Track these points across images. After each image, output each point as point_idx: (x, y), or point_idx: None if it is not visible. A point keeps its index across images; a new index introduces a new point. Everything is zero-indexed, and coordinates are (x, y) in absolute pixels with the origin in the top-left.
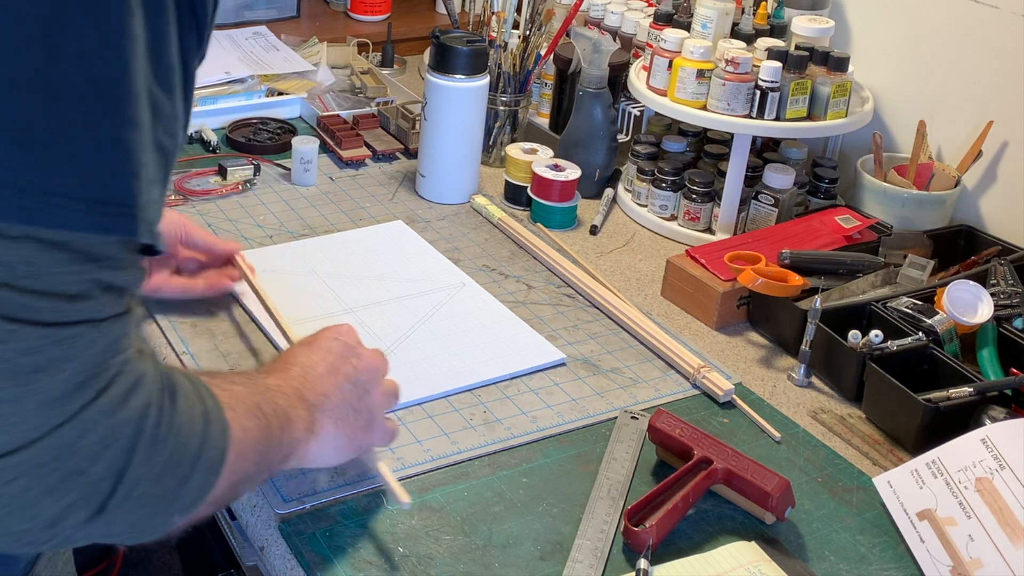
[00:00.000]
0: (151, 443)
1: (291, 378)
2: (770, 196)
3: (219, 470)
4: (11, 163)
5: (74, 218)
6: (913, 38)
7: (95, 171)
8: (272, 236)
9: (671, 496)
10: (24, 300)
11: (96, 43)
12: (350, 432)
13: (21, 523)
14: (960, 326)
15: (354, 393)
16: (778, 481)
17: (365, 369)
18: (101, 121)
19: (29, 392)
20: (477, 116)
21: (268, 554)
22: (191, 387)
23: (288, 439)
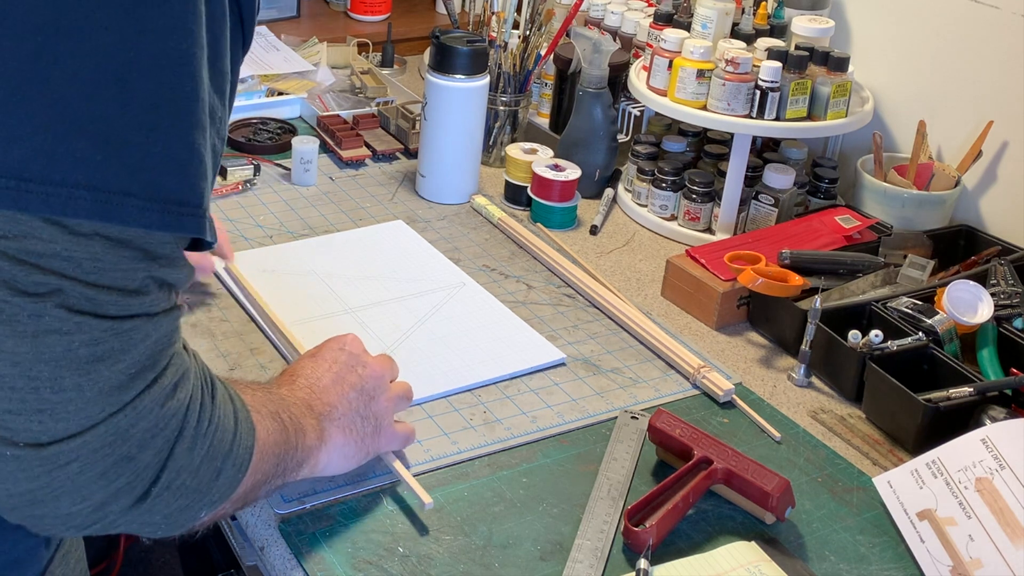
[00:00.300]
0: (194, 435)
1: (298, 389)
2: (770, 196)
3: (246, 467)
4: (91, 163)
5: (149, 218)
6: (913, 38)
7: (168, 173)
8: (272, 236)
9: (671, 496)
10: (90, 294)
11: (171, 51)
12: (358, 439)
13: (71, 505)
14: (960, 326)
15: (360, 401)
16: (778, 481)
17: (370, 377)
18: (175, 126)
19: (89, 381)
20: (477, 116)
21: (268, 554)
22: (223, 387)
23: (302, 447)
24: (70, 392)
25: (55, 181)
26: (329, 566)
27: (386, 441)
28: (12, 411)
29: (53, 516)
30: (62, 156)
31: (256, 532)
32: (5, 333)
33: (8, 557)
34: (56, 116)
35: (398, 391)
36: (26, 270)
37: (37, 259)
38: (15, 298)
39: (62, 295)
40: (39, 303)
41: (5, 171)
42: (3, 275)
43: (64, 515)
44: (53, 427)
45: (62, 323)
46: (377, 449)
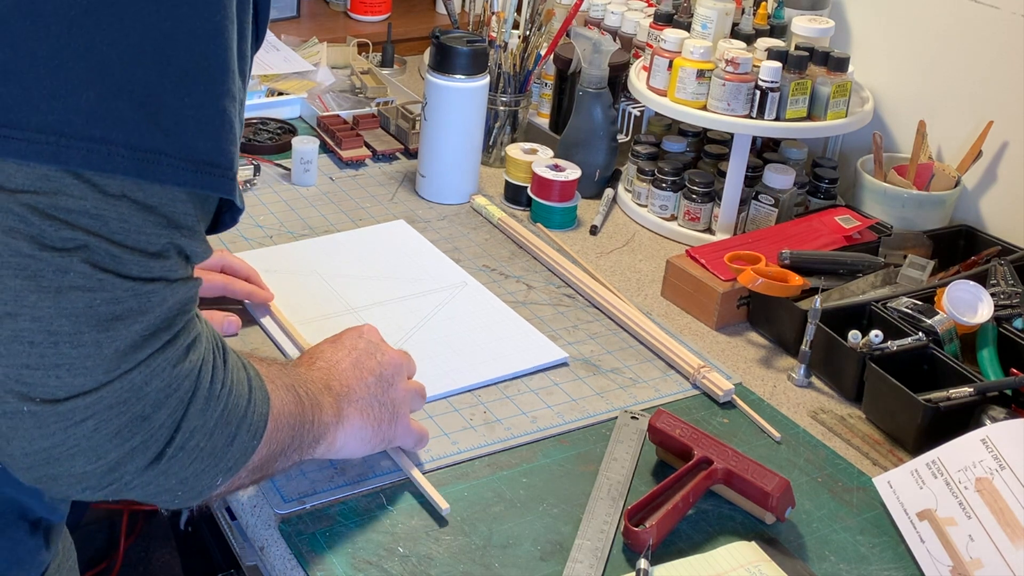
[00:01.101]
0: (207, 397)
1: (316, 370)
2: (770, 196)
3: (260, 434)
4: (130, 124)
5: (184, 176)
6: (913, 38)
7: (202, 135)
8: (272, 236)
9: (671, 496)
10: (115, 252)
11: (206, 22)
12: (375, 424)
13: (86, 464)
14: (960, 326)
15: (378, 387)
16: (778, 481)
17: (389, 364)
18: (208, 91)
19: (107, 339)
20: (477, 116)
21: (268, 554)
22: (235, 355)
23: (319, 422)
24: (89, 348)
25: (96, 138)
26: (329, 566)
27: (402, 432)
28: (30, 366)
29: (68, 475)
30: (103, 115)
31: (256, 532)
32: (28, 288)
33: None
34: (98, 77)
35: (415, 386)
36: (55, 225)
37: (66, 215)
38: (42, 252)
39: (88, 251)
40: (65, 258)
41: (45, 127)
42: (31, 229)
43: (79, 474)
44: (71, 382)
45: (86, 279)
46: (393, 438)
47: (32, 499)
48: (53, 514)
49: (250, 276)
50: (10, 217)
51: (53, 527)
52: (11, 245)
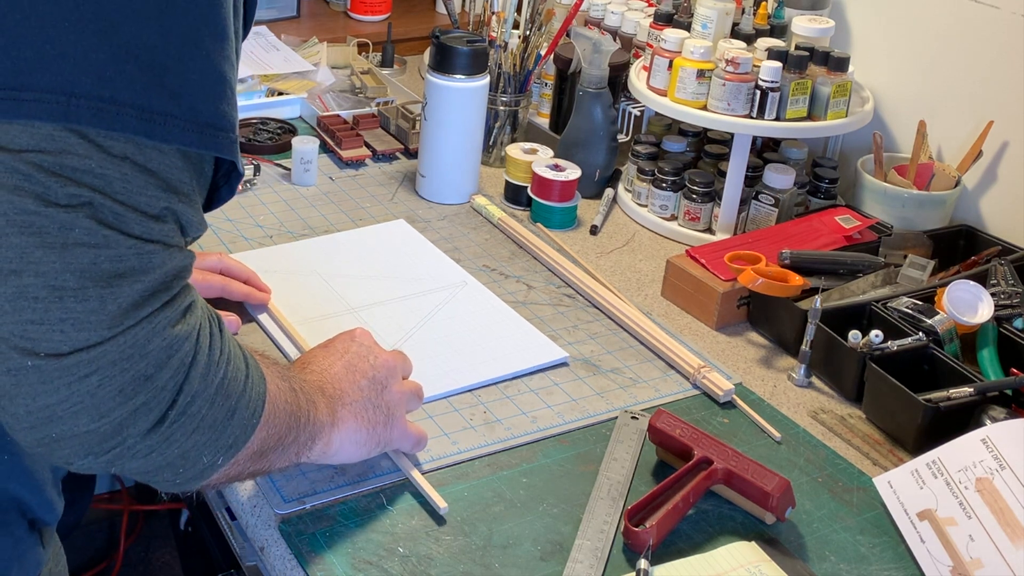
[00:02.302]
0: (207, 363)
1: (310, 373)
2: (770, 196)
3: (259, 413)
4: (138, 85)
5: (189, 137)
6: (913, 38)
7: (205, 97)
8: (272, 236)
9: (671, 496)
10: (119, 210)
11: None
12: (370, 427)
13: (89, 423)
14: (960, 326)
15: (372, 390)
16: (778, 481)
17: (382, 367)
18: (209, 57)
19: (110, 295)
20: (477, 116)
21: (268, 554)
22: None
23: (315, 420)
24: (93, 302)
25: (105, 98)
26: (329, 566)
27: (398, 435)
28: (35, 321)
29: (71, 435)
30: (112, 76)
31: (256, 532)
32: (33, 244)
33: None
34: (107, 39)
35: (410, 387)
36: (60, 182)
37: (71, 173)
38: (47, 208)
39: (92, 208)
40: (70, 214)
41: (55, 87)
42: (36, 187)
43: (82, 434)
44: (75, 336)
45: (91, 236)
46: (389, 441)
47: (32, 497)
48: (49, 514)
49: (250, 279)
50: (15, 176)
51: (46, 529)
52: (16, 203)
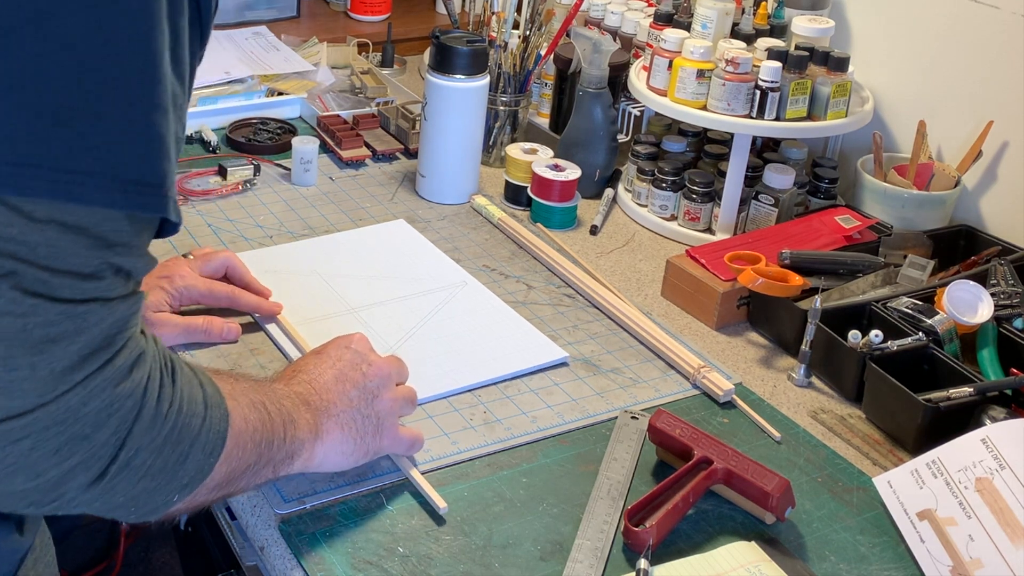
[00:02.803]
0: (153, 415)
1: (296, 384)
2: (770, 196)
3: (217, 453)
4: (49, 143)
5: (110, 197)
6: (913, 38)
7: (129, 153)
8: (272, 236)
9: (671, 496)
10: (44, 277)
11: (133, 34)
12: (356, 437)
13: (25, 482)
14: (960, 326)
15: (361, 399)
16: (778, 481)
17: (374, 375)
18: (135, 105)
19: (42, 361)
20: (477, 116)
21: (268, 554)
22: (191, 372)
23: (291, 438)
24: (23, 371)
25: (20, 162)
26: (329, 566)
27: (389, 442)
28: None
29: (9, 493)
30: (25, 138)
31: (256, 532)
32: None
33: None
34: (19, 99)
35: (403, 394)
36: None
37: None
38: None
39: (16, 277)
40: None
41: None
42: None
43: (20, 491)
44: (6, 404)
45: (16, 305)
46: (379, 449)
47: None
48: None
49: (250, 283)
50: None
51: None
52: None
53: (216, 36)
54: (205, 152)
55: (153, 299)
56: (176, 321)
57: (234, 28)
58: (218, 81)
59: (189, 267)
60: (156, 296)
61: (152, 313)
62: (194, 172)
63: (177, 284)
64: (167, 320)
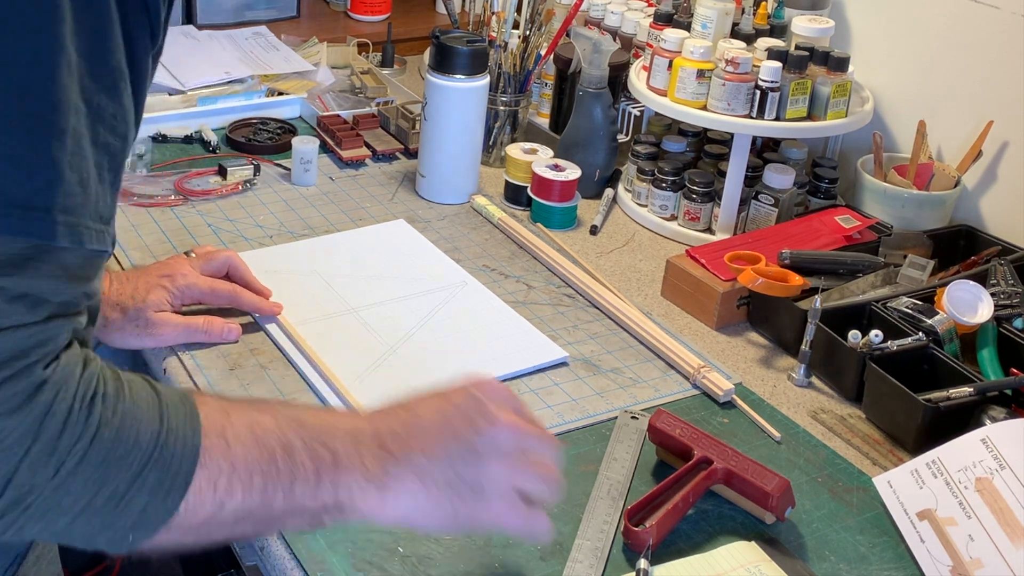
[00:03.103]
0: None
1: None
2: (770, 196)
3: (177, 493)
4: None
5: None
6: (913, 38)
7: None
8: (272, 236)
9: (671, 496)
10: None
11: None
12: (444, 499)
13: None
14: (960, 326)
15: (462, 457)
16: (778, 481)
17: (490, 437)
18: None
19: None
20: (477, 116)
21: (268, 554)
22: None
23: (331, 483)
24: None
25: None
26: (329, 566)
27: (494, 517)
28: None
29: None
30: None
31: None
32: None
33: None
34: None
35: (531, 469)
36: None
37: None
38: None
39: None
40: None
41: None
42: None
43: None
44: None
45: None
46: (475, 520)
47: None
48: None
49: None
50: None
51: None
52: None
53: (216, 36)
54: (205, 152)
55: (154, 298)
56: (176, 321)
57: (234, 28)
58: (218, 81)
59: (191, 266)
60: (157, 295)
61: (153, 313)
62: (194, 172)
63: (179, 283)
64: (167, 320)
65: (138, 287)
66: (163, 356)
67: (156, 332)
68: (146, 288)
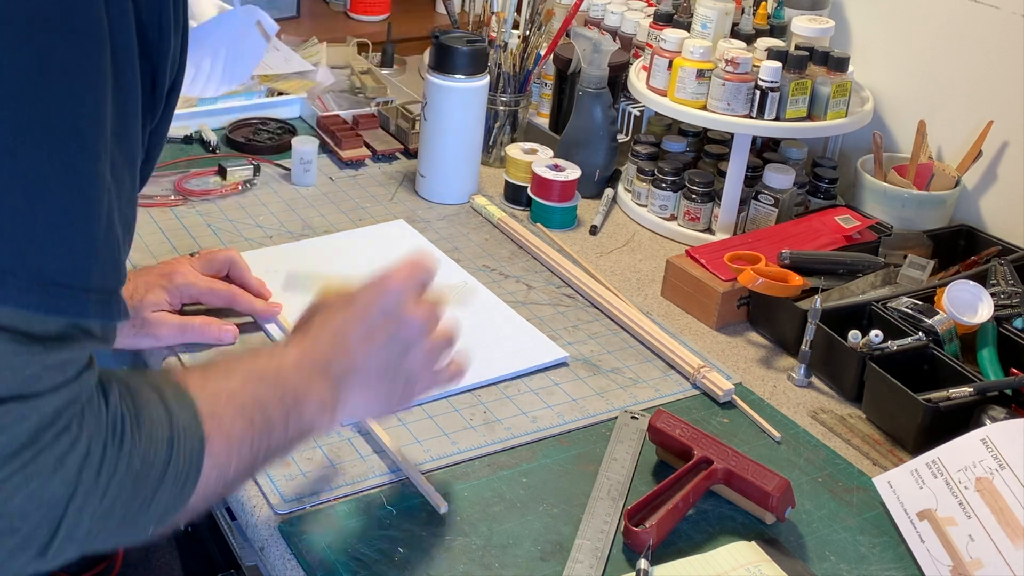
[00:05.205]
0: (89, 492)
1: (316, 348)
2: (770, 196)
3: (191, 484)
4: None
5: (28, 298)
6: (913, 38)
7: (54, 255)
8: (272, 236)
9: (671, 496)
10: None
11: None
12: (383, 395)
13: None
14: (960, 326)
15: (390, 358)
16: (778, 481)
17: (406, 331)
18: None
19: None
20: (477, 116)
21: (268, 554)
22: (159, 409)
23: (297, 419)
24: None
25: None
26: (329, 566)
27: (423, 389)
28: None
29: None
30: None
31: (256, 532)
32: None
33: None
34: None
35: (438, 338)
36: None
37: None
38: None
39: None
40: None
41: None
42: None
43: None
44: None
45: None
46: (410, 401)
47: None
48: None
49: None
50: None
51: None
52: None
53: None
54: (205, 152)
55: (152, 298)
56: (172, 321)
57: None
58: None
59: (190, 265)
60: (155, 295)
61: (150, 312)
62: (194, 172)
63: (177, 282)
64: (163, 319)
65: (137, 287)
66: (163, 356)
67: (153, 332)
68: (145, 288)
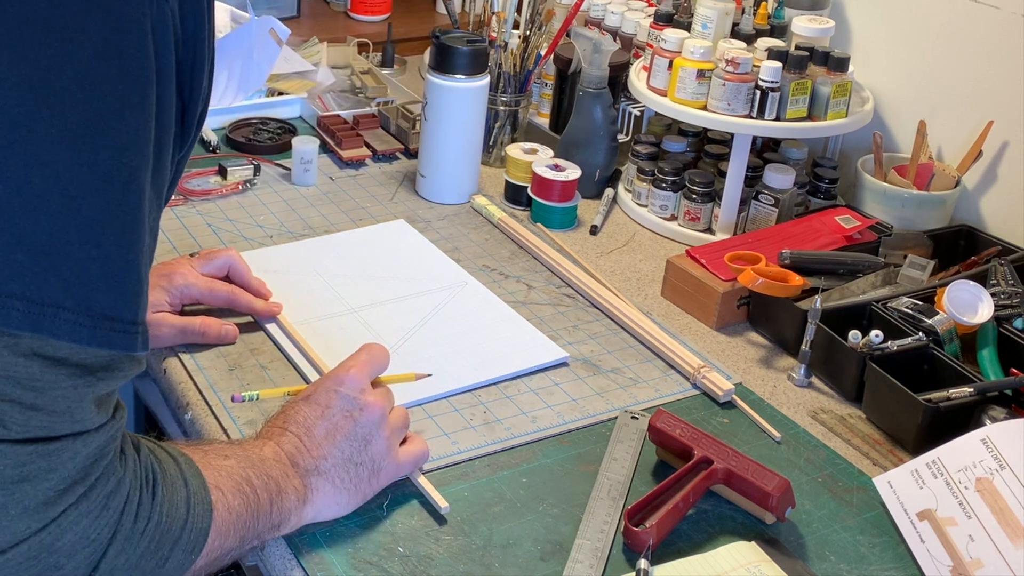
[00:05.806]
0: (127, 537)
1: (286, 442)
2: (770, 196)
3: (199, 549)
4: (27, 275)
5: (80, 332)
6: (913, 38)
7: (105, 289)
8: (272, 236)
9: (671, 496)
10: (23, 418)
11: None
12: (352, 487)
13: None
14: (960, 326)
15: (353, 448)
16: (778, 481)
17: (366, 421)
18: (116, 243)
19: (13, 500)
20: (477, 116)
21: (268, 554)
22: (176, 471)
23: (278, 510)
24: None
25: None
26: (329, 566)
27: (389, 475)
28: None
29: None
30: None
31: None
32: None
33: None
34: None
35: (395, 422)
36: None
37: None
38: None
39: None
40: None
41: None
42: None
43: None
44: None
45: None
46: (378, 487)
47: None
48: None
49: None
50: None
51: None
52: None
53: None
54: (205, 152)
55: (151, 298)
56: (172, 321)
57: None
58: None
59: (190, 265)
60: (155, 295)
61: (150, 313)
62: (194, 172)
63: (176, 282)
64: (163, 320)
65: None
66: (163, 356)
67: (153, 332)
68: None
